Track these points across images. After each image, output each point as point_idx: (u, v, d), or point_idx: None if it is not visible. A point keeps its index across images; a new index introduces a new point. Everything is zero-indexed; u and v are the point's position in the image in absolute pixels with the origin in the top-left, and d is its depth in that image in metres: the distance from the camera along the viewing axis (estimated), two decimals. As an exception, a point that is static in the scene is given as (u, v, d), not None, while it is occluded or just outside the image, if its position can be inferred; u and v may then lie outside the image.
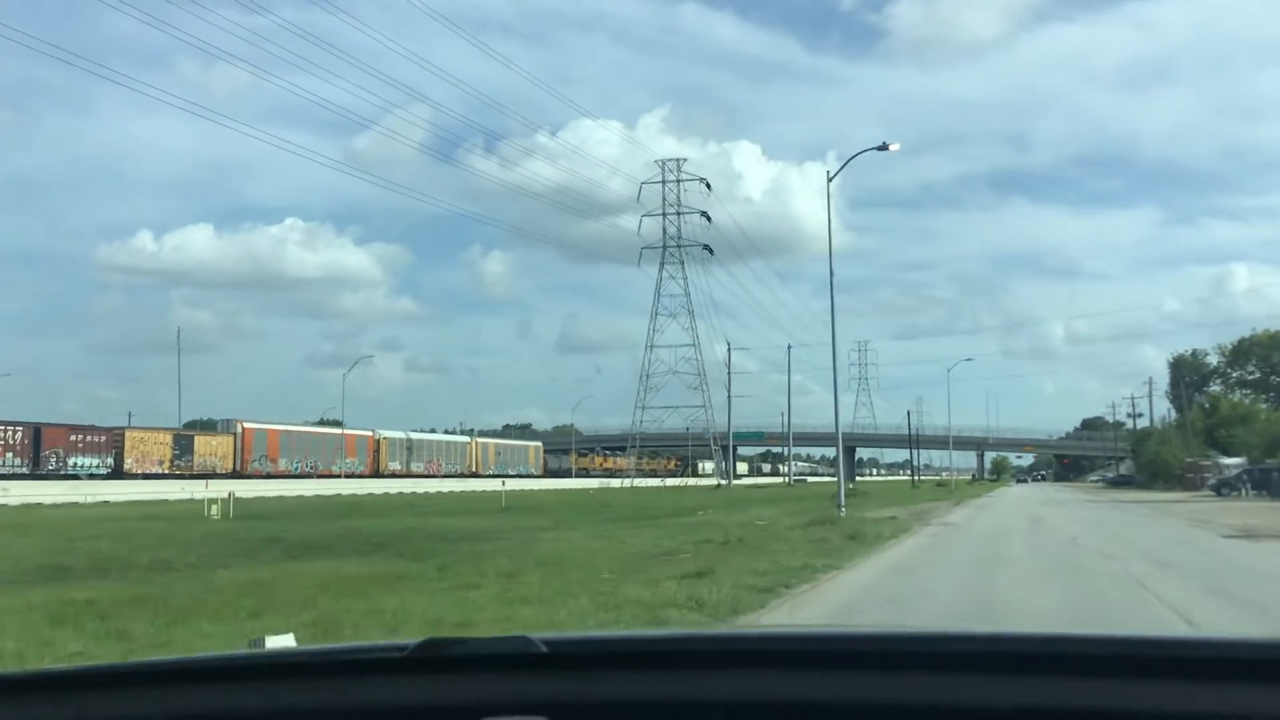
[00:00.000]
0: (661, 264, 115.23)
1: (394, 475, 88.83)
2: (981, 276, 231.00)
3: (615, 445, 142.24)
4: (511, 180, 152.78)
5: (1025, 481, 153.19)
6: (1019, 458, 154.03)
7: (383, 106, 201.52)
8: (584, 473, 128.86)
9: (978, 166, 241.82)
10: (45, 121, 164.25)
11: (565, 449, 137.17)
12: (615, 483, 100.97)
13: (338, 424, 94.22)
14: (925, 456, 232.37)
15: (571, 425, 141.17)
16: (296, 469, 78.08)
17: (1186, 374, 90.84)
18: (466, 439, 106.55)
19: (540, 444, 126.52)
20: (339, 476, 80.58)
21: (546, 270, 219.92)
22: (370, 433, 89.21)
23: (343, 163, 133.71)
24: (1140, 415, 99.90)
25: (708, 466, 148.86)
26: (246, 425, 74.06)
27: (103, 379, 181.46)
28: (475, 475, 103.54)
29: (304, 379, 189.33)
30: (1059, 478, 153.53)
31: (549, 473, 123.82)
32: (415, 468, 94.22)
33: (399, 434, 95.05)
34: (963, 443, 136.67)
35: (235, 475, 71.11)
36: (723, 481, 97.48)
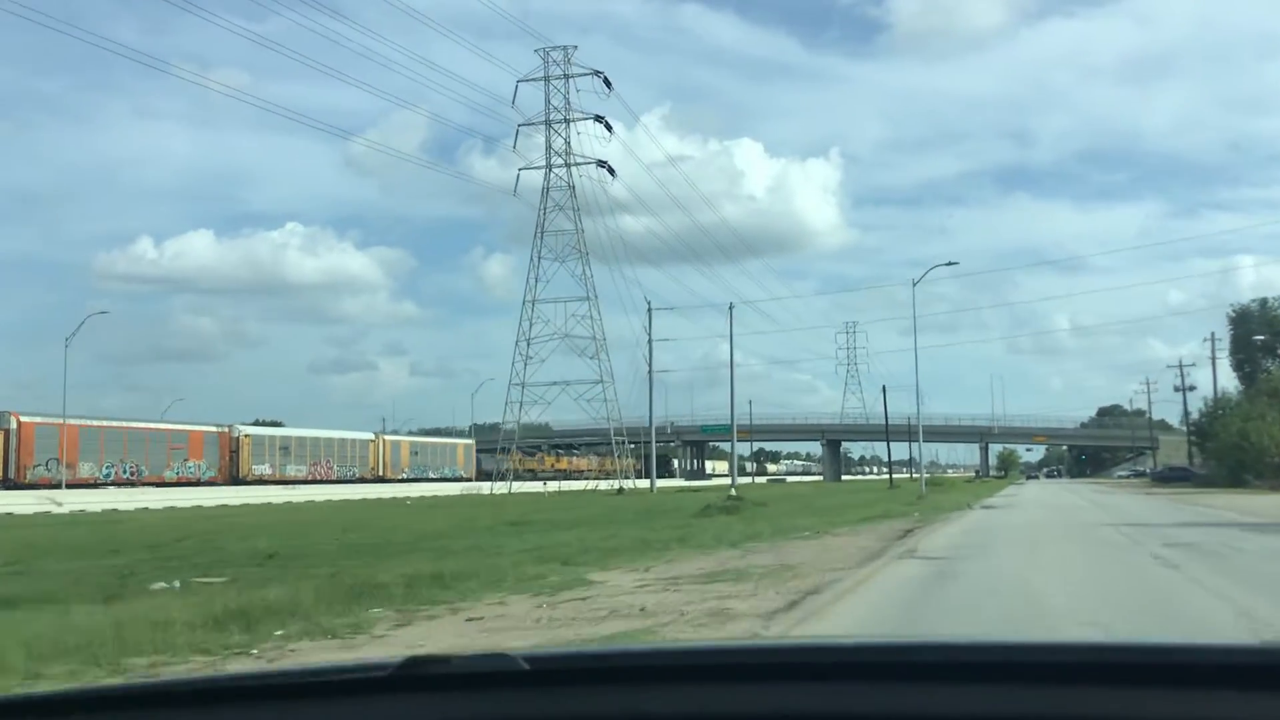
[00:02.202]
0: (544, 202, 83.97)
1: (260, 481, 71.15)
2: (985, 273, 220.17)
3: (575, 443, 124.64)
4: (508, 182, 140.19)
5: (1036, 478, 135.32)
6: (1029, 450, 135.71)
7: (382, 110, 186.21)
8: (530, 474, 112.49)
9: (980, 162, 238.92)
10: (44, 131, 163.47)
11: (526, 448, 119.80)
12: (553, 486, 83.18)
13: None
14: (929, 451, 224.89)
15: (544, 422, 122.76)
16: (108, 475, 59.88)
17: (1256, 329, 69.90)
18: (369, 435, 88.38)
19: (472, 442, 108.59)
20: (173, 484, 62.65)
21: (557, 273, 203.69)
22: (222, 428, 70.95)
23: (344, 166, 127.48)
24: (1193, 388, 79.57)
25: (720, 466, 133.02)
26: (24, 419, 55.76)
27: (107, 387, 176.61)
28: (382, 479, 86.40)
29: (308, 385, 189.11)
30: (1075, 473, 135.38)
31: (482, 474, 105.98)
32: (294, 471, 76.42)
33: (266, 430, 77.12)
34: (964, 434, 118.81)
35: (3, 484, 53.42)
36: (627, 485, 76.41)
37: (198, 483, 65.53)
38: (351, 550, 16.43)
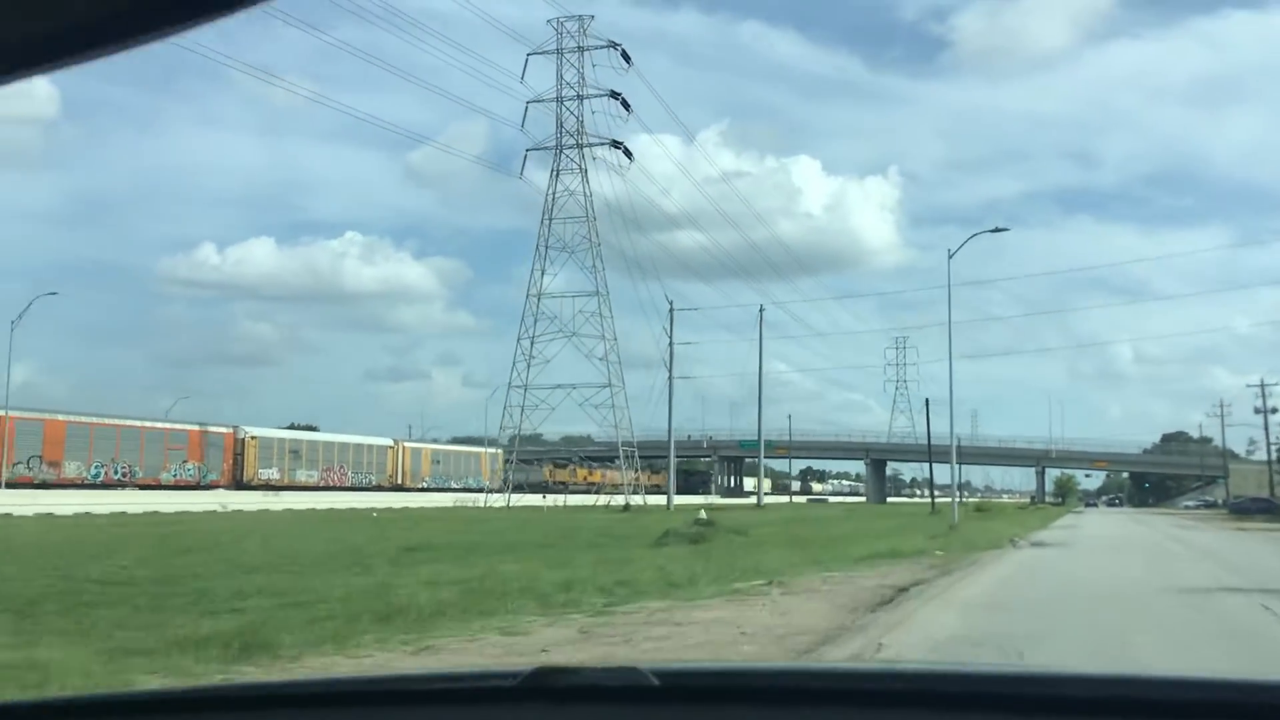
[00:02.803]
0: (552, 186, 74.99)
1: (268, 486, 67.44)
2: (1045, 295, 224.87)
3: (613, 455, 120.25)
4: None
5: (1095, 505, 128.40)
6: (1087, 476, 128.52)
7: (442, 122, 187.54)
8: (561, 487, 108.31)
9: (1042, 183, 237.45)
10: (115, 137, 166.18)
11: (559, 459, 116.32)
12: (554, 501, 78.53)
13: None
14: (983, 475, 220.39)
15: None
16: (97, 475, 56.23)
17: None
18: (388, 442, 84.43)
19: (498, 451, 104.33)
20: (170, 487, 59.04)
21: (612, 288, 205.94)
22: (226, 429, 67.20)
23: (403, 177, 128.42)
24: (1275, 410, 72.76)
25: (752, 483, 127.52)
26: (2, 412, 52.26)
27: (167, 389, 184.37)
28: (401, 488, 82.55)
29: (363, 392, 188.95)
30: (1137, 502, 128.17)
31: (509, 486, 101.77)
32: (304, 477, 72.74)
33: (275, 432, 73.37)
34: (1019, 457, 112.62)
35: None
36: (636, 501, 71.13)
37: (197, 486, 61.84)
38: (113, 586, 11.89)
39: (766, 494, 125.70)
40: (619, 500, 68.46)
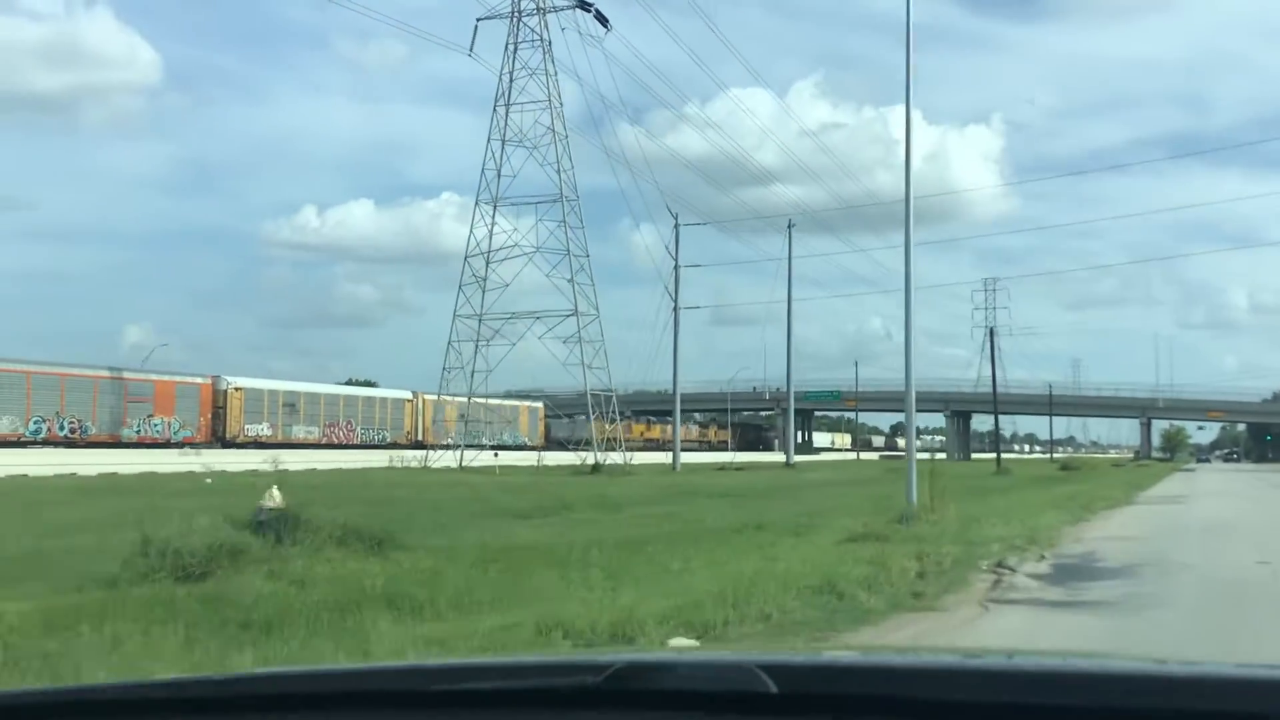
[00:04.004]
0: (509, 63, 56.74)
1: (257, 444, 60.30)
2: (1153, 244, 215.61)
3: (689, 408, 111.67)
4: (659, 151, 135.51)
5: (1208, 461, 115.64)
6: (1200, 429, 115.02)
7: (535, 81, 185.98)
8: (613, 444, 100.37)
9: (1150, 130, 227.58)
10: (222, 106, 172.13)
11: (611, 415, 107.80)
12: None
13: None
14: (1084, 429, 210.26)
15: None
16: (37, 432, 49.47)
17: None
18: (405, 394, 76.89)
19: (539, 405, 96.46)
20: (132, 445, 52.17)
21: (696, 242, 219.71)
22: (204, 379, 59.99)
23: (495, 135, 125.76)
24: None
25: (839, 439, 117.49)
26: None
27: (274, 350, 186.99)
28: (421, 445, 75.15)
29: (491, 355, 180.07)
30: (1256, 457, 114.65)
31: (553, 443, 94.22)
32: (302, 433, 65.61)
33: (265, 383, 65.91)
34: (1122, 407, 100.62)
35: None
36: (616, 460, 55.33)
37: (167, 444, 54.64)
38: None
39: (836, 449, 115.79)
40: (614, 458, 56.79)
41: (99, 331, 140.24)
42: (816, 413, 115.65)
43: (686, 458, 77.30)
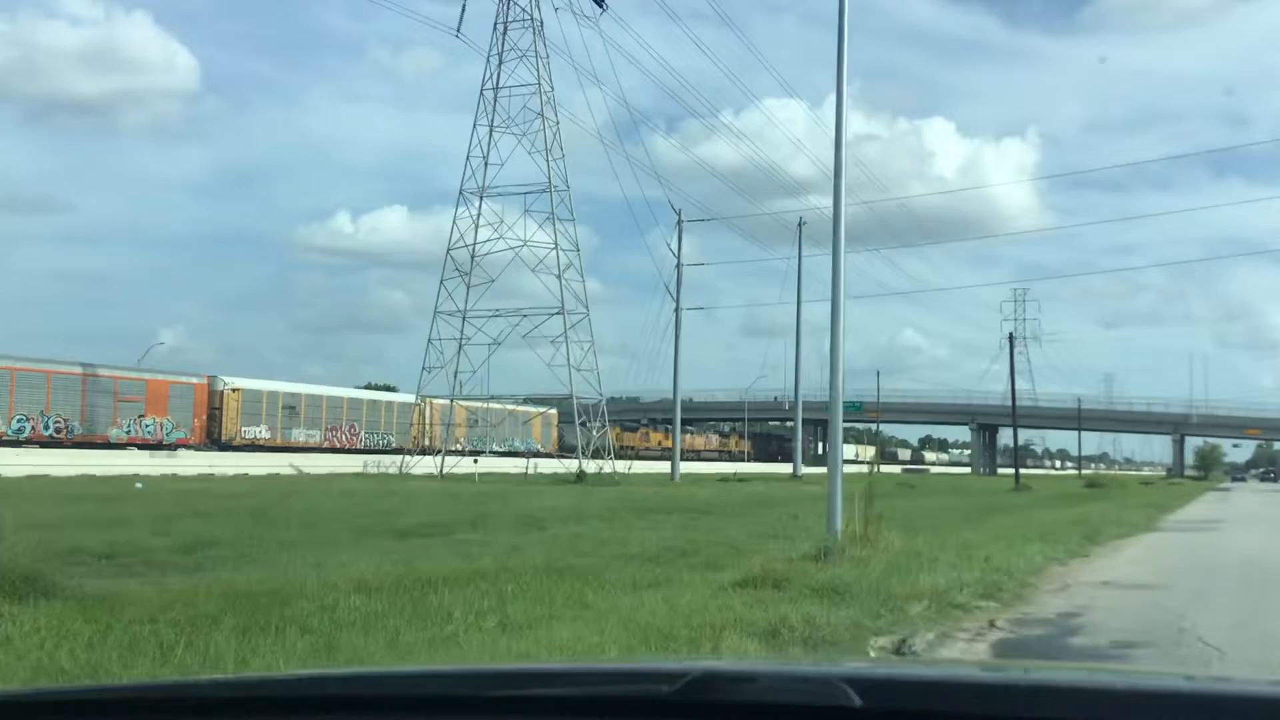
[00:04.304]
0: (497, 44, 52.08)
1: (254, 446, 58.82)
2: (1194, 261, 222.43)
3: (710, 418, 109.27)
4: (691, 163, 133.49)
5: (1243, 479, 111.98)
6: (1235, 446, 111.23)
7: (569, 88, 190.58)
8: (630, 452, 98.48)
9: (1190, 145, 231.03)
10: (255, 111, 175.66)
11: (626, 422, 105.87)
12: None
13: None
14: (1116, 445, 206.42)
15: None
16: (19, 430, 48.07)
17: None
18: (409, 398, 75.04)
19: (553, 411, 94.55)
20: (120, 446, 50.74)
21: (729, 252, 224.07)
22: (199, 379, 58.40)
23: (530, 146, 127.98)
24: None
25: (863, 451, 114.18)
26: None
27: (306, 354, 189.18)
28: (428, 451, 73.40)
29: (494, 360, 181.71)
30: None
31: (566, 449, 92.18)
32: (302, 437, 63.98)
33: (264, 384, 64.19)
34: (1153, 422, 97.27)
35: None
36: (605, 469, 50.79)
37: (159, 446, 53.03)
38: None
39: (860, 462, 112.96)
40: (606, 467, 51.03)
41: (133, 333, 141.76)
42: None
43: (704, 468, 75.14)
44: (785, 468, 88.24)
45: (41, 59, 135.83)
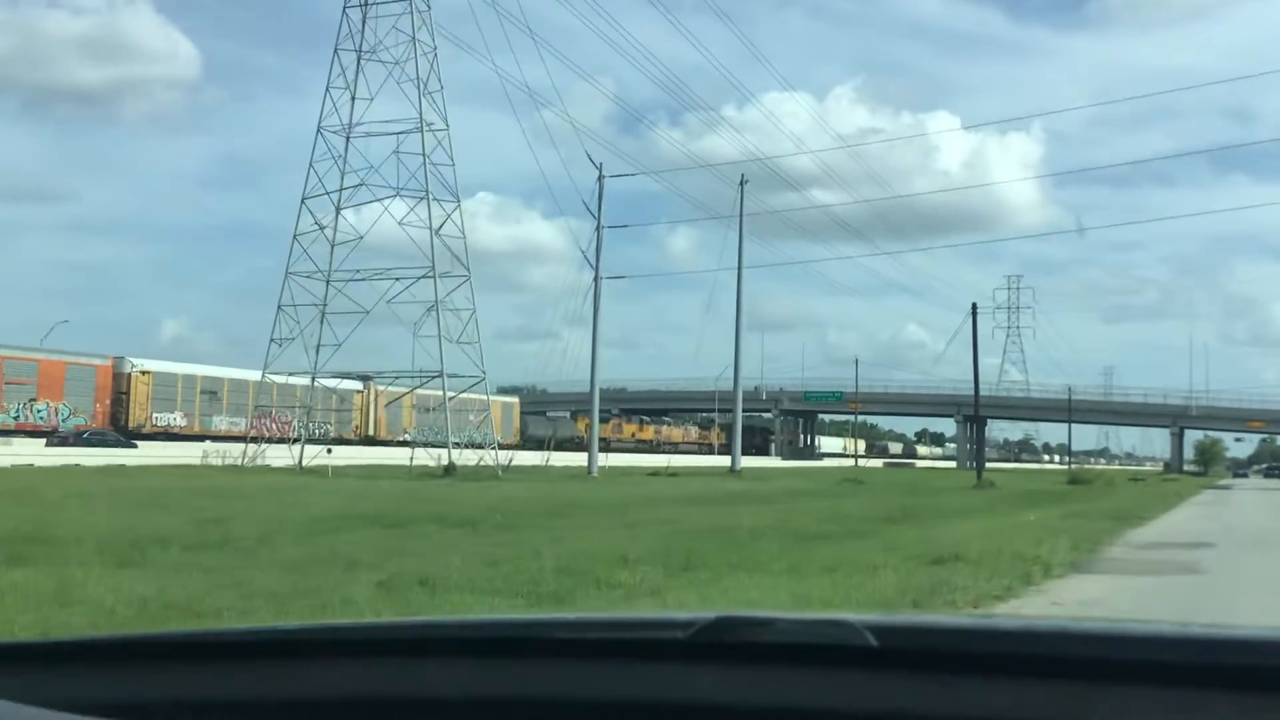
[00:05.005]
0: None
1: (168, 435, 54.27)
2: (1195, 257, 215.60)
3: (680, 407, 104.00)
4: (696, 154, 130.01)
5: (1245, 475, 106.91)
6: (1238, 440, 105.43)
7: (571, 82, 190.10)
8: (601, 444, 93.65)
9: (1194, 141, 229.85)
10: (261, 102, 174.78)
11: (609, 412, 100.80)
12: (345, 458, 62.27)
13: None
14: (1119, 439, 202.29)
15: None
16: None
17: None
18: (355, 385, 70.23)
19: (514, 400, 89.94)
20: (8, 432, 46.25)
21: (733, 245, 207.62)
22: (103, 360, 53.77)
23: (533, 138, 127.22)
24: None
25: (848, 444, 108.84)
26: None
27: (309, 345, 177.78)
28: (373, 441, 68.79)
29: (497, 352, 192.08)
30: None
31: (530, 442, 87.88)
32: (225, 424, 59.41)
33: (180, 366, 59.39)
34: (1150, 414, 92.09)
35: None
36: (506, 461, 44.64)
37: (53, 433, 48.34)
38: None
39: (850, 455, 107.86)
40: (492, 460, 43.46)
41: (137, 323, 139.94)
42: (824, 416, 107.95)
43: (650, 460, 70.31)
44: (752, 461, 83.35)
45: (44, 48, 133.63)
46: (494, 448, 43.96)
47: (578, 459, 55.28)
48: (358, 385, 70.55)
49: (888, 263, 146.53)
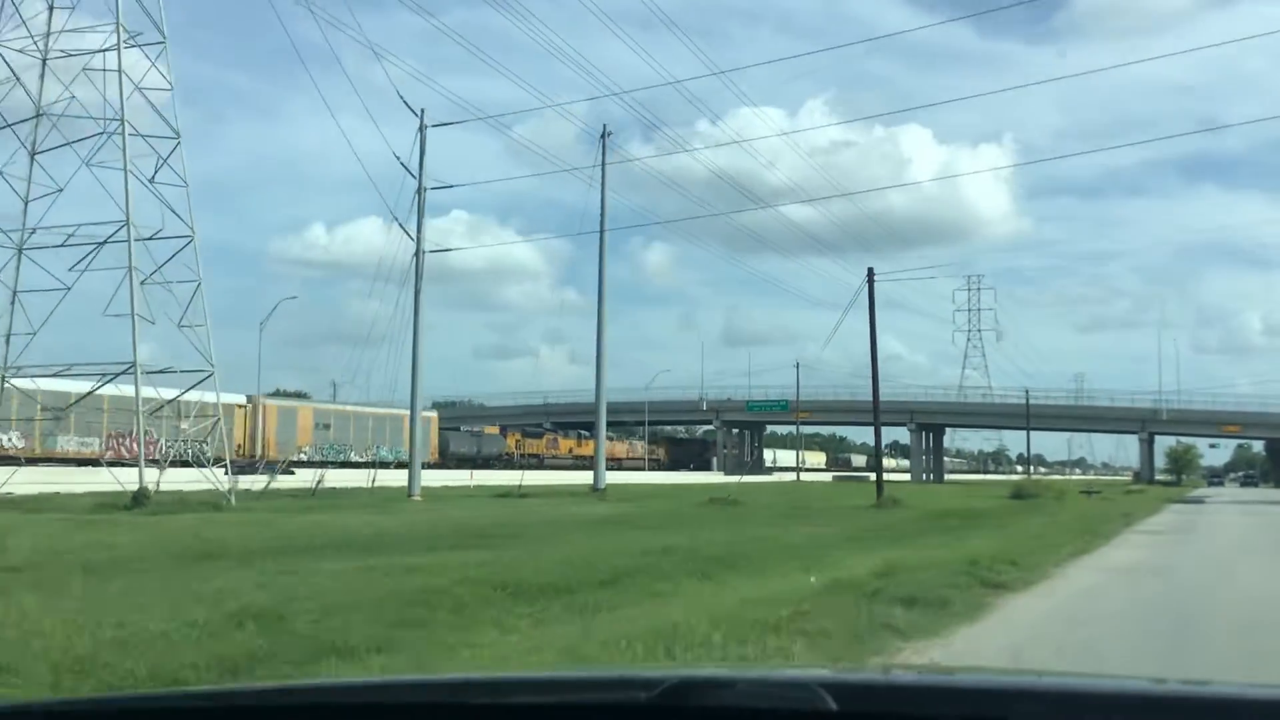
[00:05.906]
0: None
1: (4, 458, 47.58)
2: (1167, 267, 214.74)
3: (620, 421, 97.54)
4: (669, 171, 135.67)
5: (1220, 483, 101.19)
6: (1212, 446, 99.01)
7: (545, 100, 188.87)
8: (534, 461, 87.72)
9: (1164, 151, 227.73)
10: (234, 125, 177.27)
11: (528, 428, 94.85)
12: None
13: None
14: (1093, 448, 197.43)
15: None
16: None
17: None
18: (238, 398, 63.48)
19: (433, 414, 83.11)
20: None
21: (709, 263, 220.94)
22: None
23: (508, 158, 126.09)
24: None
25: (801, 457, 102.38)
26: None
27: (287, 368, 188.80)
28: (253, 463, 61.83)
29: (474, 370, 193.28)
30: (1276, 480, 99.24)
31: (451, 459, 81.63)
32: (75, 446, 52.93)
33: (19, 381, 52.27)
34: (1116, 419, 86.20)
35: None
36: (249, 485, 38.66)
37: None
38: None
39: (809, 469, 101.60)
40: (218, 483, 33.54)
41: (108, 346, 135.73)
42: (773, 427, 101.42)
43: (554, 478, 63.89)
44: (676, 476, 76.80)
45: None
46: (224, 467, 36.38)
47: (464, 478, 48.55)
48: (240, 398, 63.92)
49: (858, 276, 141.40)
